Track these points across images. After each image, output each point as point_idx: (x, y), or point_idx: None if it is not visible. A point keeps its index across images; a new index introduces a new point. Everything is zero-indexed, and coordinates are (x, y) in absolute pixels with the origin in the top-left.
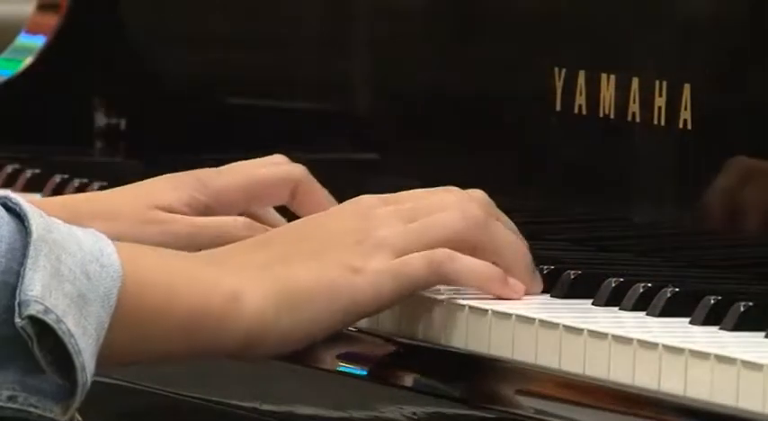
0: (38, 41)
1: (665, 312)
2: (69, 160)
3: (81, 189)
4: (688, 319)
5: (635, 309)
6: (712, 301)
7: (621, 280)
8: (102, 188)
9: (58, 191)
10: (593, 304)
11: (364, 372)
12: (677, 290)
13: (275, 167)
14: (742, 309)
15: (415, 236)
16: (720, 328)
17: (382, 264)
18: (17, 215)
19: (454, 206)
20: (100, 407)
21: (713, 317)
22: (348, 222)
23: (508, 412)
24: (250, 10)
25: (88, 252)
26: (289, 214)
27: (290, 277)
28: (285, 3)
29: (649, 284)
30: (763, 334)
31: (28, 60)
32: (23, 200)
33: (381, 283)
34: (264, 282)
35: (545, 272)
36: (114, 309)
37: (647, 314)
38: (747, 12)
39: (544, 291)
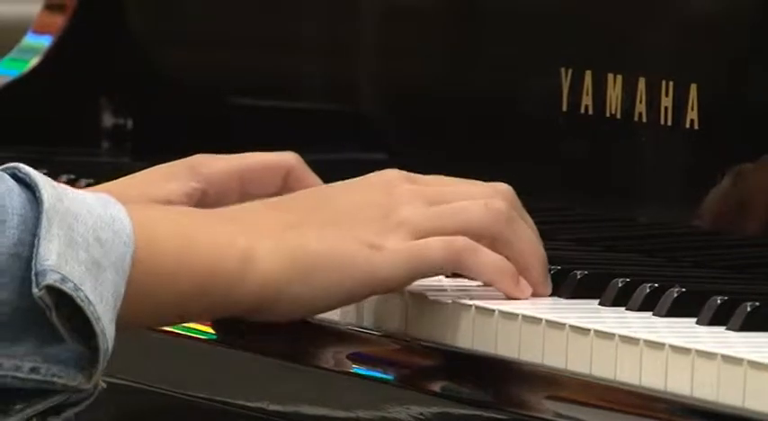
0: (44, 41)
1: (672, 312)
2: (76, 160)
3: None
4: (695, 319)
5: (641, 309)
6: (719, 302)
7: (628, 280)
8: None
9: None
10: (599, 304)
11: (371, 373)
12: (684, 290)
13: (267, 154)
14: (749, 309)
15: (437, 220)
16: (727, 329)
17: (400, 244)
18: (27, 186)
19: (479, 196)
20: (101, 407)
21: (720, 318)
22: (371, 195)
23: (514, 412)
24: (256, 10)
25: (99, 218)
26: None
27: (306, 244)
28: (289, 2)
29: (656, 284)
30: None
31: (34, 60)
32: (33, 170)
33: (397, 263)
34: (279, 244)
35: (552, 272)
36: (128, 275)
37: (654, 314)
38: (754, 11)
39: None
